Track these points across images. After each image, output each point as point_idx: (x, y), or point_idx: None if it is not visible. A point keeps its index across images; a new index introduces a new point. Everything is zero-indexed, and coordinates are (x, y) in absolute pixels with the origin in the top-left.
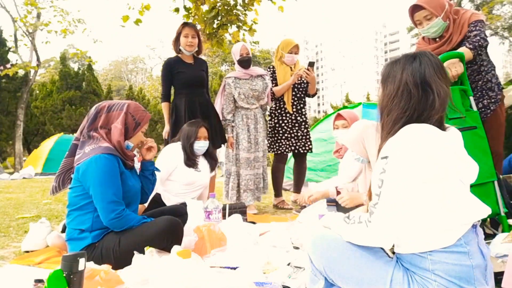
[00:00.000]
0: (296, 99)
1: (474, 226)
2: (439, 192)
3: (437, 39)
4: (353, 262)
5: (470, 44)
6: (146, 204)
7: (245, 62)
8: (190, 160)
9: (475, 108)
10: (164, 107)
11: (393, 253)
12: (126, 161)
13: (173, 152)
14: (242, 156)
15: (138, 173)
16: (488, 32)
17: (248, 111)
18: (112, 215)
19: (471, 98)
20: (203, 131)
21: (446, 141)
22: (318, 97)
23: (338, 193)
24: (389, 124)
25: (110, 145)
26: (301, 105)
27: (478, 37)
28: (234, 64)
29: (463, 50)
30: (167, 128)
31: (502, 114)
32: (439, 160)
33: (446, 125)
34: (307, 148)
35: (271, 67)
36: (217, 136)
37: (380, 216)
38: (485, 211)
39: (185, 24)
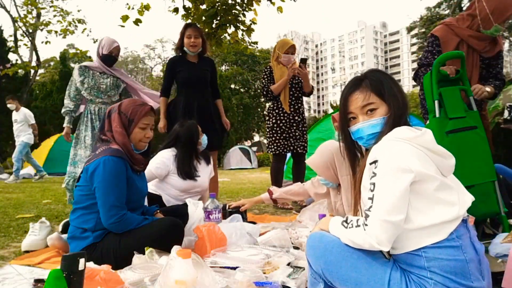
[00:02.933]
0: (293, 99)
1: (464, 221)
2: (429, 188)
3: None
4: (351, 264)
5: (493, 86)
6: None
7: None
8: (189, 171)
9: (475, 108)
10: (161, 102)
11: (390, 255)
12: (134, 165)
13: (163, 157)
14: None
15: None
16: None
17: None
18: (112, 219)
19: (471, 98)
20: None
21: (426, 138)
22: (318, 97)
23: (270, 193)
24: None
25: (120, 148)
26: (299, 105)
27: (501, 79)
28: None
29: (491, 90)
30: (163, 122)
31: (486, 117)
32: (426, 158)
33: (416, 127)
34: (305, 148)
35: (268, 67)
36: (217, 137)
37: (376, 217)
38: (469, 199)
39: (187, 25)
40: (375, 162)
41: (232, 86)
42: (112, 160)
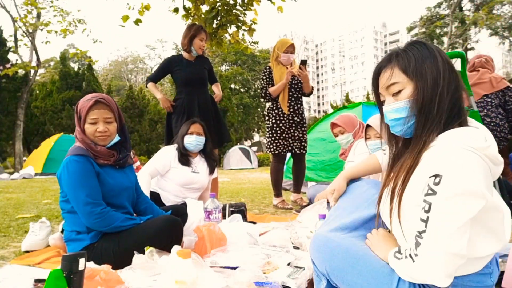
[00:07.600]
0: (293, 99)
1: None
2: (485, 216)
3: None
4: (357, 270)
5: None
6: None
7: None
8: (183, 157)
9: (475, 108)
10: (150, 87)
11: None
12: (97, 159)
13: (166, 152)
14: None
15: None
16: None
17: None
18: (93, 216)
19: (471, 98)
20: (196, 127)
21: (493, 148)
22: (318, 97)
23: None
24: (438, 118)
25: (82, 145)
26: (298, 105)
27: None
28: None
29: None
30: (165, 102)
31: None
32: (489, 175)
33: (469, 119)
34: (305, 148)
35: (267, 67)
36: (218, 136)
37: (433, 247)
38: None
39: (201, 28)
40: (437, 176)
41: (232, 86)
42: (74, 160)
